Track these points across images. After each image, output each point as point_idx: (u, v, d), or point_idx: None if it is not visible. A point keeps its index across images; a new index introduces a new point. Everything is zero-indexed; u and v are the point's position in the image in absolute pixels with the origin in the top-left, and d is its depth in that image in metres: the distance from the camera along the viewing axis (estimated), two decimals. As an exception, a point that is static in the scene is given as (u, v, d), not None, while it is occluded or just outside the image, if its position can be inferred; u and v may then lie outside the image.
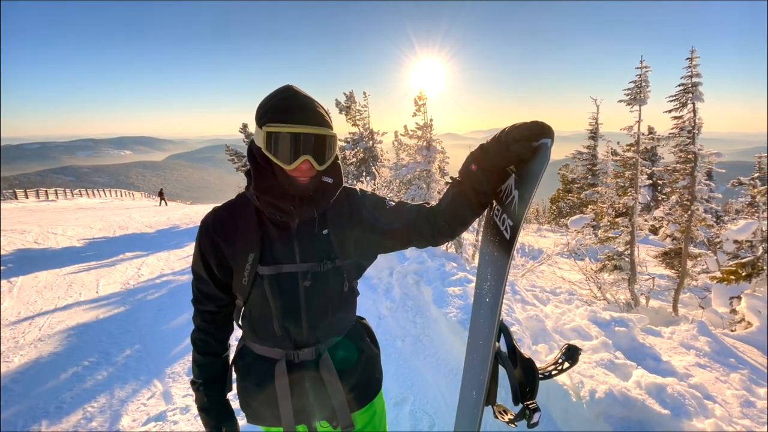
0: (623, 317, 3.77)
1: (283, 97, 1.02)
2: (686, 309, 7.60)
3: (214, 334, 1.26)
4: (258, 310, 1.17)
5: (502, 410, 1.10)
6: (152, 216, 15.05)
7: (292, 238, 1.13)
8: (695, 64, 7.09)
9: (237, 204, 1.19)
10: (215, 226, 1.16)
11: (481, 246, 1.24)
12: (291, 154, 1.00)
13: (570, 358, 1.23)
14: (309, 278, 1.12)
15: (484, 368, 1.09)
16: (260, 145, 1.03)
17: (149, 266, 7.38)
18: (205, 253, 1.17)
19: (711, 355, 3.64)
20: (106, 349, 3.95)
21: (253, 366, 1.22)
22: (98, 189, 30.74)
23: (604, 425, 1.85)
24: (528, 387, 1.07)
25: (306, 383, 1.19)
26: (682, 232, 7.29)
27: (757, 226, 5.77)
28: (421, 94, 10.60)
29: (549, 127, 0.88)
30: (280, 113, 1.00)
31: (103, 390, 3.23)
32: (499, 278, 0.98)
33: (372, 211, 1.21)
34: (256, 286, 1.13)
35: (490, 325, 1.05)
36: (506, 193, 1.03)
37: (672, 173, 7.63)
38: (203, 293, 1.22)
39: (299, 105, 1.01)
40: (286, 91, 1.04)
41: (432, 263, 4.11)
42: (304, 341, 1.17)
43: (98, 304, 5.33)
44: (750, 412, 2.65)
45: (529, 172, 0.90)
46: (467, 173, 1.04)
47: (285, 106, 1.01)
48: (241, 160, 18.51)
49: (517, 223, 0.90)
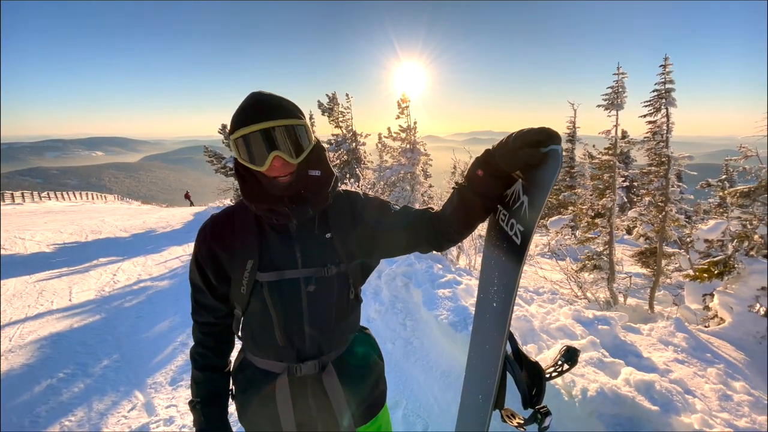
0: (606, 315, 3.87)
1: (245, 103, 1.01)
2: (661, 306, 7.89)
3: (213, 348, 1.21)
4: (258, 320, 1.12)
5: (509, 414, 1.10)
6: (126, 219, 14.52)
7: (292, 242, 1.09)
8: (668, 71, 7.41)
9: (236, 210, 1.15)
10: (213, 234, 1.12)
11: (485, 250, 1.24)
12: (262, 154, 0.99)
13: (569, 360, 1.25)
14: (313, 283, 1.09)
15: (491, 372, 1.09)
16: (236, 156, 1.03)
17: (125, 272, 7.12)
18: (202, 262, 1.13)
19: (688, 350, 3.77)
20: (82, 360, 3.78)
21: (254, 380, 1.18)
22: (68, 191, 29.45)
23: (596, 423, 1.89)
24: (534, 390, 1.08)
25: (309, 398, 1.15)
26: (657, 232, 7.58)
27: (726, 225, 6.05)
28: (404, 97, 10.65)
29: (557, 133, 0.89)
30: (243, 117, 0.99)
31: (81, 403, 3.08)
32: (510, 283, 0.98)
33: (376, 215, 1.19)
34: (255, 295, 1.09)
35: (498, 330, 1.05)
36: (513, 198, 1.03)
37: (647, 175, 7.93)
38: (201, 304, 1.19)
39: (258, 104, 1.00)
40: (248, 98, 1.03)
41: (420, 265, 4.12)
42: (306, 352, 1.13)
43: (72, 312, 5.09)
44: (728, 405, 2.76)
45: (539, 179, 0.90)
46: (473, 178, 1.03)
47: (245, 108, 1.00)
48: (221, 161, 18.14)
49: (530, 229, 0.90)
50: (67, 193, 29.12)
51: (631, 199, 15.93)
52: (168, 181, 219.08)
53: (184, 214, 16.35)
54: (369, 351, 1.30)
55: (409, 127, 9.64)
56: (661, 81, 7.48)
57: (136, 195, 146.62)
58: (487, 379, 1.12)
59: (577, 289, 7.65)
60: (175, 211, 18.66)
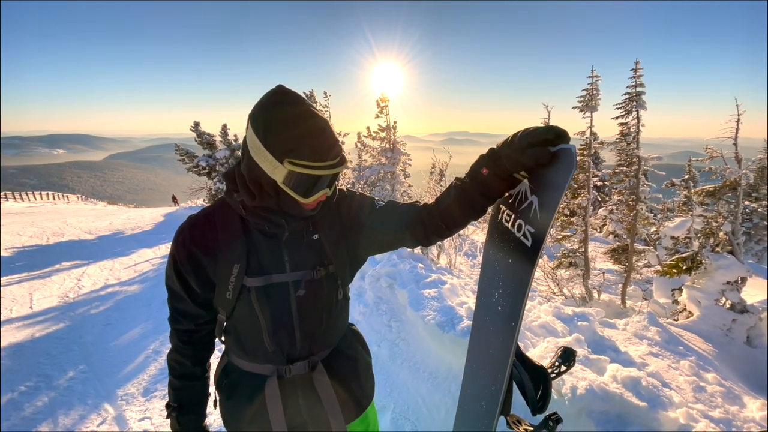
0: (584, 312, 3.96)
1: (310, 131, 0.89)
2: (632, 301, 8.21)
3: (191, 355, 1.15)
4: (245, 325, 1.08)
5: (516, 420, 1.07)
6: (91, 221, 13.78)
7: (280, 245, 1.05)
8: (639, 74, 7.71)
9: (217, 211, 1.07)
10: (193, 237, 1.04)
11: (486, 251, 1.21)
12: (311, 190, 0.94)
13: (566, 361, 1.24)
14: (303, 287, 1.05)
15: (497, 378, 1.06)
16: (276, 179, 0.91)
17: (91, 277, 6.74)
18: (182, 268, 1.05)
19: (661, 344, 3.91)
20: (45, 372, 3.53)
21: (240, 383, 1.14)
22: (27, 191, 27.76)
23: (586, 421, 1.91)
24: (539, 395, 1.06)
25: (299, 399, 1.13)
26: (628, 229, 7.88)
27: (691, 223, 6.34)
28: (383, 96, 10.61)
29: (565, 131, 0.87)
30: (311, 153, 0.88)
31: (45, 418, 2.88)
32: (519, 287, 0.95)
33: (362, 212, 1.16)
34: (241, 300, 1.04)
35: (505, 334, 1.02)
36: (519, 198, 1.00)
37: (617, 175, 8.22)
38: (180, 311, 1.11)
39: (328, 144, 0.90)
40: (310, 120, 0.90)
41: (404, 265, 4.09)
42: (296, 355, 1.10)
43: (33, 320, 4.77)
44: (702, 396, 2.87)
45: (551, 180, 0.87)
46: (476, 177, 1.00)
47: (315, 146, 0.89)
48: (193, 160, 17.47)
49: (543, 231, 0.87)
50: (26, 193, 27.47)
51: (603, 198, 16.52)
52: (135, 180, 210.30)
53: (154, 215, 15.69)
54: (356, 347, 1.29)
55: (388, 126, 9.61)
56: (632, 84, 7.78)
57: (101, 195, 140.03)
58: (492, 385, 1.09)
59: (554, 286, 7.85)
60: (144, 212, 17.89)
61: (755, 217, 12.91)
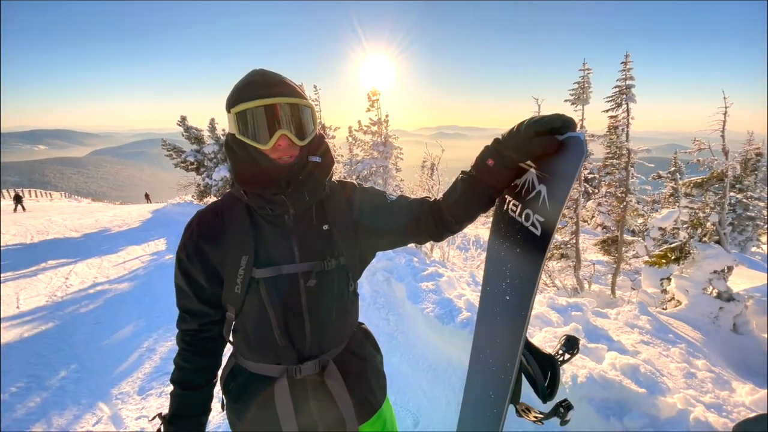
0: (578, 302, 4.02)
1: (249, 78, 0.96)
2: (621, 291, 8.37)
3: (191, 359, 1.10)
4: (254, 321, 1.05)
5: (525, 408, 1.08)
6: (77, 218, 13.49)
7: (289, 235, 1.03)
8: (629, 68, 7.80)
9: (224, 204, 1.06)
10: (201, 231, 1.03)
11: (491, 241, 1.21)
12: (266, 131, 0.92)
13: (570, 349, 1.25)
14: (314, 277, 1.03)
15: (506, 367, 1.06)
16: (233, 131, 0.95)
17: (79, 275, 6.61)
18: (189, 262, 1.03)
19: (652, 332, 3.99)
20: (36, 372, 3.46)
21: (249, 386, 1.10)
22: (7, 189, 27.02)
23: (587, 408, 1.94)
24: (547, 383, 1.07)
25: (310, 401, 1.09)
26: (618, 221, 8.01)
27: (677, 214, 6.47)
28: (374, 90, 10.53)
29: (572, 119, 0.86)
30: (247, 91, 0.93)
31: (38, 418, 2.83)
32: (529, 276, 0.95)
33: (373, 206, 1.14)
34: (251, 293, 1.01)
35: (515, 324, 1.02)
36: (526, 188, 1.00)
37: (607, 167, 8.32)
38: (186, 309, 1.09)
39: (266, 80, 0.95)
40: (252, 73, 0.97)
41: (400, 259, 4.09)
42: (307, 352, 1.07)
43: (21, 320, 4.66)
44: (693, 382, 2.94)
45: (559, 169, 0.87)
46: (482, 168, 0.99)
47: (250, 82, 0.94)
48: (181, 155, 17.15)
49: (553, 220, 0.87)
50: (7, 190, 26.75)
51: (592, 190, 16.74)
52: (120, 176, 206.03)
53: (142, 211, 15.41)
54: (367, 346, 1.26)
55: (380, 120, 9.56)
56: (622, 78, 7.86)
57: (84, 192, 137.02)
58: (501, 374, 1.09)
59: (546, 277, 7.95)
60: (131, 209, 17.56)
61: (739, 207, 13.23)
